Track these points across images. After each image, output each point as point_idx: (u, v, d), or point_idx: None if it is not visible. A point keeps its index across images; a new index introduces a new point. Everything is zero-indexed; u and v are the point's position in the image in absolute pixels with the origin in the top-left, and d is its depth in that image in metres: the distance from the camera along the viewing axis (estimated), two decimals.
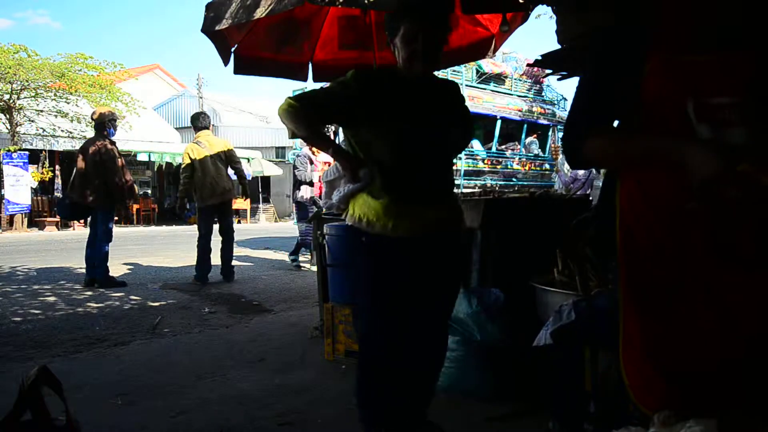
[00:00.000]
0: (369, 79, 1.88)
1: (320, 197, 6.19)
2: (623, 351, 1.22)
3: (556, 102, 12.35)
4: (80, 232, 14.72)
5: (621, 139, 1.23)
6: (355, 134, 1.94)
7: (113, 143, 5.85)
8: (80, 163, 5.73)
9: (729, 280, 1.11)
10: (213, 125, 6.31)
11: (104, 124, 5.80)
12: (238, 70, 3.87)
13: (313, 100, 1.90)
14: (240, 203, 19.47)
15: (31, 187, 14.67)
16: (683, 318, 1.14)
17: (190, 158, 5.98)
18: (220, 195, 6.00)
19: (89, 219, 6.01)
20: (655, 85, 1.14)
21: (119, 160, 5.80)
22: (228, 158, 6.07)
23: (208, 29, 3.15)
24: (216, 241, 6.18)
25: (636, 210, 1.19)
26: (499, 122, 10.69)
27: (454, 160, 2.28)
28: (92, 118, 6.02)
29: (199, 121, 6.19)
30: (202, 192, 5.94)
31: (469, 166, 10.22)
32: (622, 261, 1.22)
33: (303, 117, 1.88)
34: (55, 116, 15.03)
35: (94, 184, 5.66)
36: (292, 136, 1.95)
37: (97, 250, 5.77)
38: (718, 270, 1.12)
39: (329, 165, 5.11)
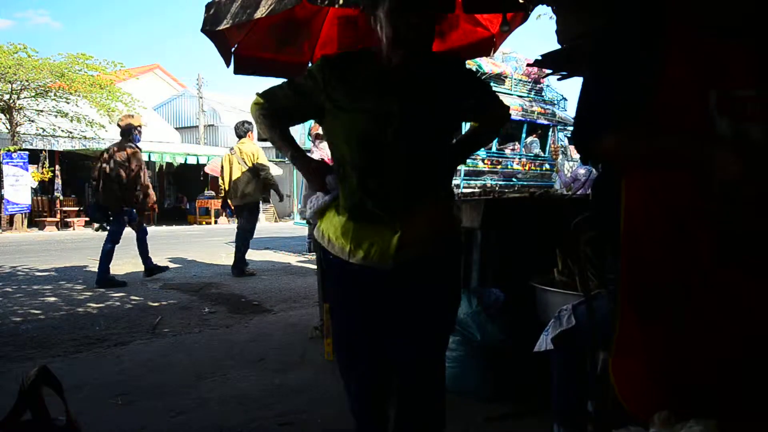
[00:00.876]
0: (336, 67, 1.55)
1: None
2: (615, 356, 1.21)
3: (556, 102, 12.35)
4: (80, 232, 14.73)
5: (641, 136, 1.17)
6: (325, 134, 1.67)
7: (138, 149, 6.11)
8: (103, 165, 5.98)
9: (736, 283, 1.10)
10: (212, 125, 6.74)
11: (130, 131, 6.10)
12: (238, 70, 3.87)
13: (277, 95, 1.62)
14: None
15: (31, 187, 14.68)
16: (687, 320, 1.14)
17: (222, 164, 6.76)
18: (240, 198, 6.54)
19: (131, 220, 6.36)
20: (675, 74, 1.10)
21: (135, 163, 5.97)
22: (254, 166, 6.51)
23: (208, 29, 3.15)
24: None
25: (643, 210, 1.17)
26: None
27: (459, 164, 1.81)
28: (118, 125, 6.30)
29: (238, 130, 6.75)
30: (229, 193, 6.66)
31: (469, 166, 10.22)
32: (625, 263, 1.20)
33: (267, 115, 1.62)
34: (55, 116, 15.04)
35: (111, 187, 5.91)
36: (260, 138, 1.79)
37: (104, 251, 5.98)
38: (724, 272, 1.11)
39: None
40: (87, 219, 16.04)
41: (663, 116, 1.12)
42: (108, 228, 6.19)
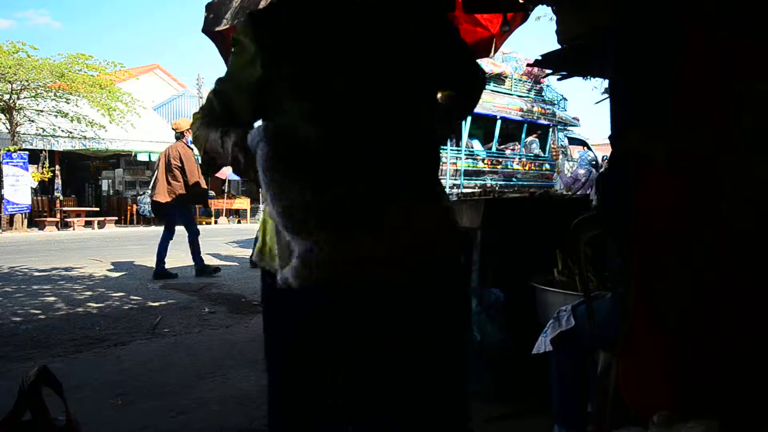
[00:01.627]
0: (270, 23, 1.11)
1: None
2: (624, 356, 1.21)
3: (556, 102, 12.37)
4: (80, 232, 14.72)
5: (664, 136, 1.15)
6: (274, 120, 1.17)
7: (190, 149, 6.59)
8: (161, 166, 6.44)
9: (750, 284, 1.10)
10: None
11: (182, 133, 6.64)
12: None
13: (212, 99, 1.23)
14: (239, 203, 19.50)
15: (31, 187, 14.67)
16: (701, 320, 1.13)
17: None
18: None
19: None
20: (693, 73, 1.09)
21: (186, 162, 6.40)
22: None
23: (208, 29, 3.15)
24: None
25: (661, 210, 1.16)
26: (499, 122, 10.71)
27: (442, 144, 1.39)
28: (173, 128, 6.94)
29: None
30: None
31: (469, 166, 10.22)
32: (638, 263, 1.19)
33: (203, 123, 1.22)
34: (55, 116, 15.04)
35: (170, 185, 6.37)
36: (204, 171, 1.29)
37: (189, 243, 6.54)
38: (739, 272, 1.10)
39: None
40: (115, 219, 16.09)
41: (684, 114, 1.12)
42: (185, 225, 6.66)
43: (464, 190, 9.01)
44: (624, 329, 1.22)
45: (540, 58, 3.54)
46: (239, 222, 18.96)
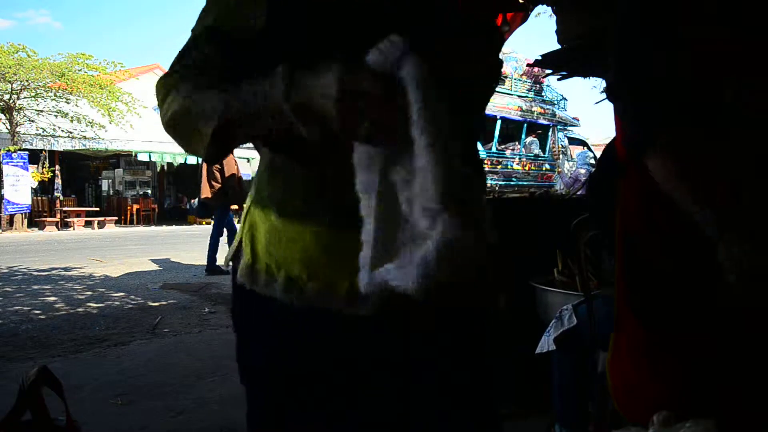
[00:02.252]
0: None
1: None
2: (612, 358, 1.21)
3: (556, 102, 12.38)
4: (80, 232, 14.73)
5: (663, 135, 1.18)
6: None
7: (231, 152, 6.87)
8: (203, 172, 6.65)
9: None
10: None
11: None
12: None
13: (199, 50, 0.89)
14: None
15: (31, 187, 14.68)
16: (685, 320, 1.14)
17: None
18: None
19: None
20: (696, 71, 1.09)
21: (226, 165, 6.61)
22: None
23: None
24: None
25: (641, 211, 1.17)
26: (499, 122, 10.71)
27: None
28: None
29: None
30: None
31: None
32: (621, 264, 1.20)
33: (193, 87, 0.83)
34: (55, 116, 15.06)
35: (211, 185, 6.58)
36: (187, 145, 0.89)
37: (210, 240, 6.71)
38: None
39: None
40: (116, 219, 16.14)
41: (684, 114, 1.11)
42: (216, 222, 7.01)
43: None
44: (614, 330, 1.22)
45: (540, 58, 3.55)
46: (239, 222, 19.00)
